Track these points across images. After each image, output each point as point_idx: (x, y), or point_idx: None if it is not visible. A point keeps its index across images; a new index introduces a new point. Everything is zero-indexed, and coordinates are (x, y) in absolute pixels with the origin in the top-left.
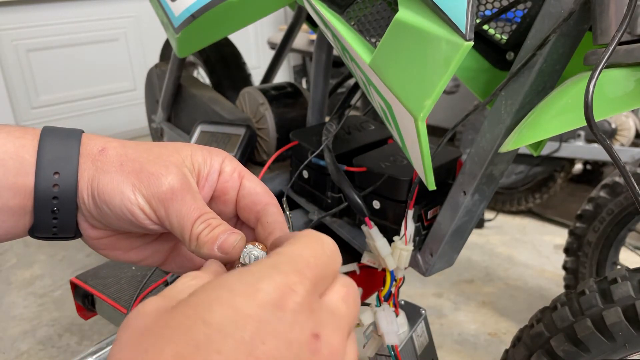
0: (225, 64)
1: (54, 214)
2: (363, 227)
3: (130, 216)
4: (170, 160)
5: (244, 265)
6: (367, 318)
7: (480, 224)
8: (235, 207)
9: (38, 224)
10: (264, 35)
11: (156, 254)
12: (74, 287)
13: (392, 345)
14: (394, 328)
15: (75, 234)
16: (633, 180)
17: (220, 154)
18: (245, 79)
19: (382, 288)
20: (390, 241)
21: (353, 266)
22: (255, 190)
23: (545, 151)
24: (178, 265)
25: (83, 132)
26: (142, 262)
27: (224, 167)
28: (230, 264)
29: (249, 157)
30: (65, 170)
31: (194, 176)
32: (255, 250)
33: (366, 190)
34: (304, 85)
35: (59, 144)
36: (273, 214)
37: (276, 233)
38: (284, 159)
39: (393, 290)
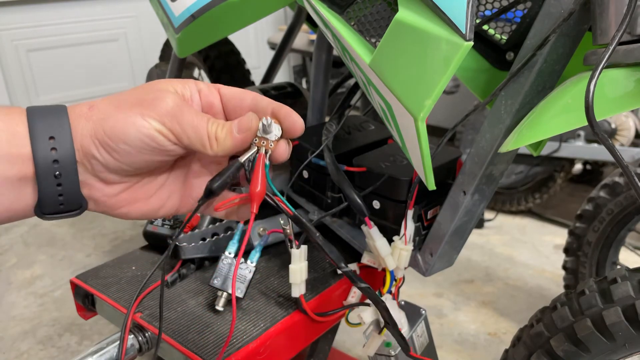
0: (225, 64)
1: (57, 179)
2: (363, 227)
3: (151, 141)
4: (159, 87)
5: (261, 138)
6: (367, 316)
7: (480, 224)
8: (225, 116)
9: (43, 195)
10: (264, 35)
11: (172, 197)
12: (74, 287)
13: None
14: (397, 315)
15: (81, 205)
16: (636, 179)
17: (191, 80)
18: (245, 79)
19: (383, 288)
20: (390, 241)
21: (353, 266)
22: (236, 92)
23: (545, 151)
24: (192, 204)
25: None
26: (161, 210)
27: (200, 86)
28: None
29: None
30: (60, 133)
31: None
32: (264, 119)
33: (366, 190)
34: (304, 85)
35: (47, 113)
36: (263, 100)
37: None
38: None
39: (393, 290)
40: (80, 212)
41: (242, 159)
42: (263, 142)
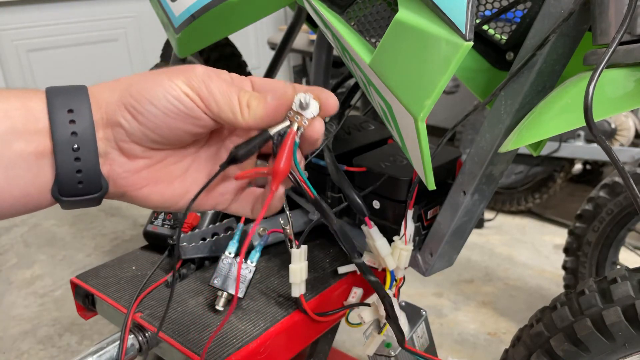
0: (225, 64)
1: (76, 153)
2: (363, 227)
3: (178, 102)
4: (189, 64)
5: (296, 112)
6: (367, 316)
7: (480, 223)
8: None
9: (61, 171)
10: (264, 35)
11: (195, 184)
12: (75, 286)
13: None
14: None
15: (101, 186)
16: (632, 181)
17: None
18: (244, 75)
19: None
20: (390, 241)
21: (353, 266)
22: (268, 81)
23: (545, 151)
24: (216, 200)
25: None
26: (183, 199)
27: (232, 75)
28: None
29: None
30: (79, 106)
31: None
32: (302, 94)
33: (366, 190)
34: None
35: (66, 90)
36: (298, 86)
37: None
38: None
39: (393, 290)
40: (100, 196)
41: (273, 131)
42: (297, 118)
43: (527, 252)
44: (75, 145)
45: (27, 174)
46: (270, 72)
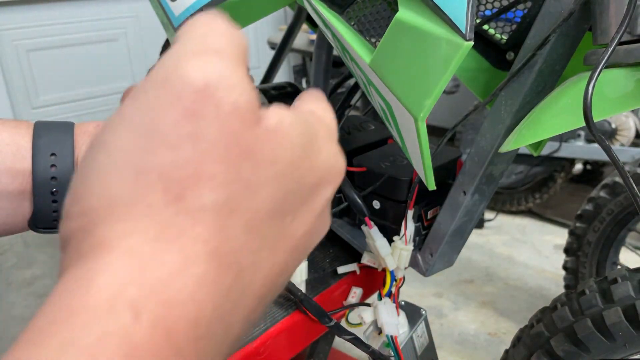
0: None
1: (54, 196)
2: (363, 227)
3: None
4: None
5: None
6: (367, 316)
7: (480, 224)
8: None
9: (38, 210)
10: (264, 35)
11: None
12: None
13: (391, 336)
14: (394, 320)
15: None
16: (632, 181)
17: None
18: None
19: (383, 288)
20: (390, 241)
21: (353, 266)
22: None
23: (545, 151)
24: None
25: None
26: None
27: None
28: None
29: None
30: (62, 151)
31: None
32: None
33: (366, 190)
34: (304, 85)
35: (53, 129)
36: None
37: None
38: None
39: (393, 290)
40: None
41: None
42: None
43: (527, 252)
44: (54, 189)
45: (8, 208)
46: (270, 72)
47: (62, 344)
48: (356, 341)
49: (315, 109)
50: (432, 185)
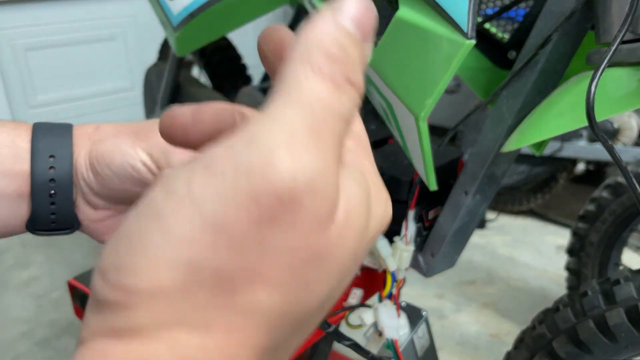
0: (224, 63)
1: (52, 198)
2: None
3: (133, 171)
4: None
5: None
6: (368, 318)
7: (481, 224)
8: None
9: (36, 212)
10: None
11: None
12: (72, 288)
13: (391, 340)
14: (394, 323)
15: (73, 225)
16: (635, 181)
17: None
18: (245, 79)
19: (383, 289)
20: (391, 242)
21: None
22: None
23: (547, 151)
24: None
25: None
26: None
27: None
28: None
29: None
30: (60, 153)
31: None
32: None
33: None
34: None
35: (51, 131)
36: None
37: None
38: None
39: (394, 291)
40: (72, 231)
41: None
42: None
43: (529, 252)
44: (52, 192)
45: (7, 210)
46: None
47: None
48: (355, 347)
49: (368, 172)
50: (433, 186)
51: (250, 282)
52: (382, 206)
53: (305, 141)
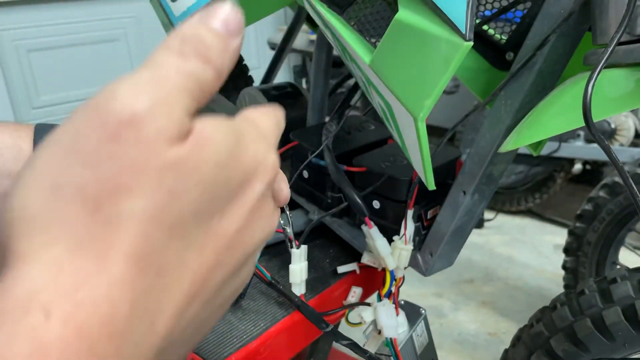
0: None
1: None
2: (363, 227)
3: None
4: None
5: None
6: (367, 316)
7: (480, 223)
8: None
9: None
10: (264, 35)
11: None
12: None
13: (390, 339)
14: (393, 322)
15: None
16: (631, 181)
17: None
18: (246, 79)
19: (382, 288)
20: (390, 241)
21: (353, 266)
22: None
23: (545, 151)
24: None
25: None
26: None
27: None
28: None
29: None
30: None
31: None
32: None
33: (366, 190)
34: (304, 85)
35: (52, 129)
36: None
37: None
38: (284, 159)
39: (393, 289)
40: None
41: None
42: None
43: (527, 252)
44: None
45: None
46: (270, 72)
47: None
48: (353, 346)
49: (251, 115)
50: (432, 185)
51: (112, 193)
52: (260, 147)
53: (146, 84)
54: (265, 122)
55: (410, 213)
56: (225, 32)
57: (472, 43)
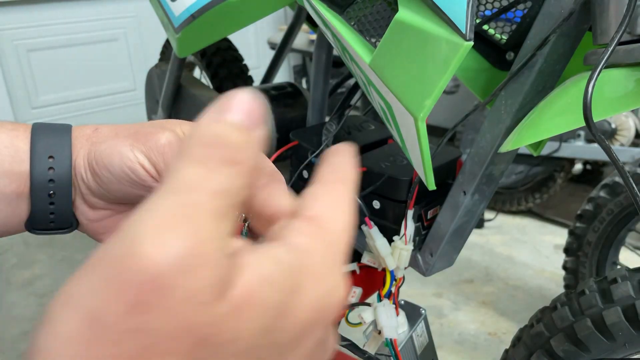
0: (225, 65)
1: (51, 199)
2: (363, 227)
3: (131, 174)
4: (163, 124)
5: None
6: (368, 316)
7: (480, 223)
8: None
9: (35, 212)
10: (264, 35)
11: None
12: None
13: (390, 339)
14: (393, 323)
15: (72, 224)
16: (632, 181)
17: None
18: (246, 79)
19: (382, 288)
20: (390, 241)
21: (353, 266)
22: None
23: (545, 151)
24: None
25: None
26: None
27: None
28: None
29: None
30: (59, 153)
31: None
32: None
33: (366, 190)
34: (304, 85)
35: (51, 132)
36: (264, 160)
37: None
38: (284, 159)
39: (393, 289)
40: (70, 230)
41: None
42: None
43: (527, 252)
44: (51, 192)
45: (6, 209)
46: (270, 72)
47: None
48: (352, 347)
49: (316, 213)
50: (432, 185)
51: None
52: (321, 286)
53: (172, 224)
54: (336, 224)
55: (410, 213)
56: (249, 125)
57: (472, 43)
